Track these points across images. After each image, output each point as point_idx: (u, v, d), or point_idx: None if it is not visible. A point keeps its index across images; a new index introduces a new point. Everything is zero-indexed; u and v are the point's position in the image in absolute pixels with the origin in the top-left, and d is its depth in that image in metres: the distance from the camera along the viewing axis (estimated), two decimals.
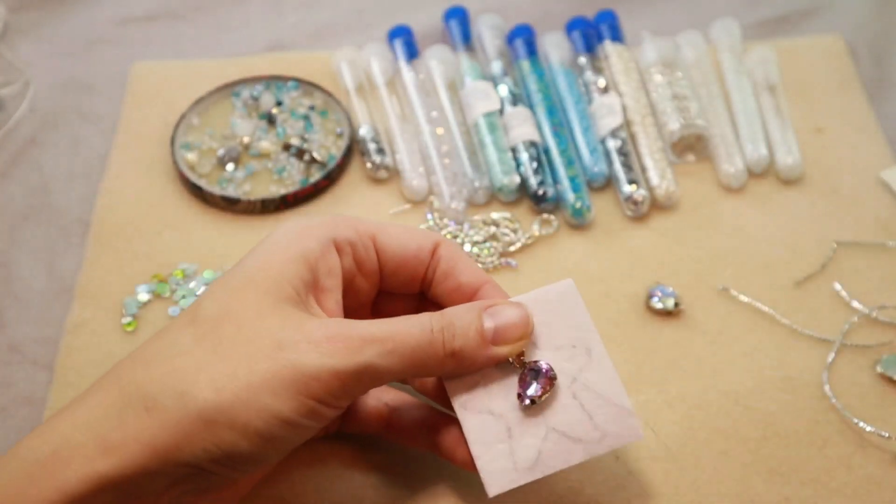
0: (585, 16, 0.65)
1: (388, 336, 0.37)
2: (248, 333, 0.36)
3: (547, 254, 0.55)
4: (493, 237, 0.56)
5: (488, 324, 0.39)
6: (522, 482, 0.40)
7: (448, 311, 0.39)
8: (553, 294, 0.42)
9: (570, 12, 0.66)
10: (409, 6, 0.71)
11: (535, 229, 0.56)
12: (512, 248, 0.55)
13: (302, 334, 0.36)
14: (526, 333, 0.40)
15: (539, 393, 0.40)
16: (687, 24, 0.66)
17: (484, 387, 0.41)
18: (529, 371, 0.40)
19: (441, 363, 0.39)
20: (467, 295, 0.42)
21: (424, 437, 0.43)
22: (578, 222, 0.56)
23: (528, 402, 0.40)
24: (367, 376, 0.37)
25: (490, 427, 0.40)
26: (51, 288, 0.54)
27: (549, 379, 0.40)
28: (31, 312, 0.53)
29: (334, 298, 0.40)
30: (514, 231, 0.56)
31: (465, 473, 0.44)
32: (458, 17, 0.66)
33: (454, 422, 0.42)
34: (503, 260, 0.55)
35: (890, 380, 0.48)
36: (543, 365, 0.40)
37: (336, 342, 0.36)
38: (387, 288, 0.44)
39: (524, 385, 0.40)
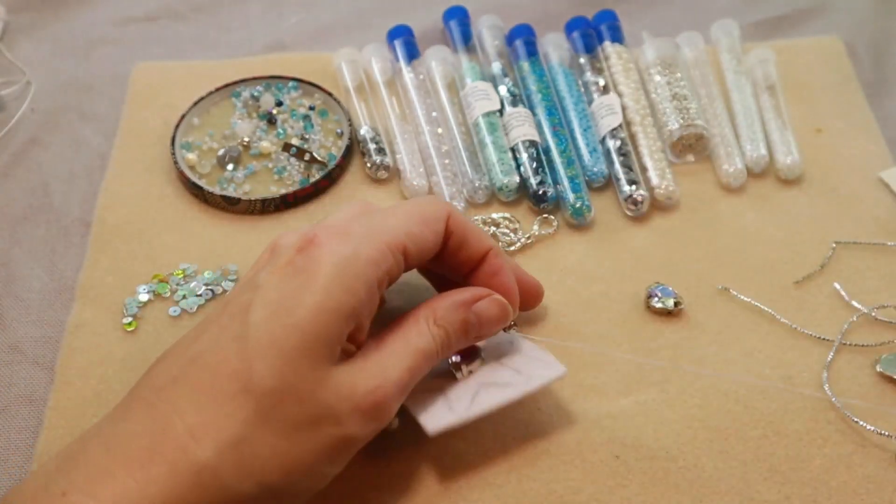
0: (585, 16, 0.65)
1: (412, 377, 0.41)
2: (310, 411, 0.38)
3: (547, 254, 0.55)
4: (494, 237, 0.56)
5: (474, 322, 0.43)
6: (460, 421, 0.43)
7: (440, 319, 0.42)
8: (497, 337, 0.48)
9: (569, 12, 0.66)
10: (409, 6, 0.71)
11: (535, 229, 0.56)
12: (512, 248, 0.55)
13: (351, 403, 0.38)
14: (503, 325, 0.45)
15: (464, 359, 0.44)
16: (687, 25, 0.66)
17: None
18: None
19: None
20: (475, 261, 0.45)
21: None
22: (578, 222, 0.56)
23: (453, 368, 0.44)
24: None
25: (429, 397, 0.44)
26: (51, 288, 0.54)
27: (473, 348, 0.45)
28: (32, 312, 0.53)
29: (366, 330, 0.41)
30: (514, 231, 0.56)
31: (461, 470, 0.44)
32: (458, 18, 0.66)
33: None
34: None
35: (890, 379, 0.48)
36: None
37: (380, 408, 0.39)
38: None
39: (453, 356, 0.45)
